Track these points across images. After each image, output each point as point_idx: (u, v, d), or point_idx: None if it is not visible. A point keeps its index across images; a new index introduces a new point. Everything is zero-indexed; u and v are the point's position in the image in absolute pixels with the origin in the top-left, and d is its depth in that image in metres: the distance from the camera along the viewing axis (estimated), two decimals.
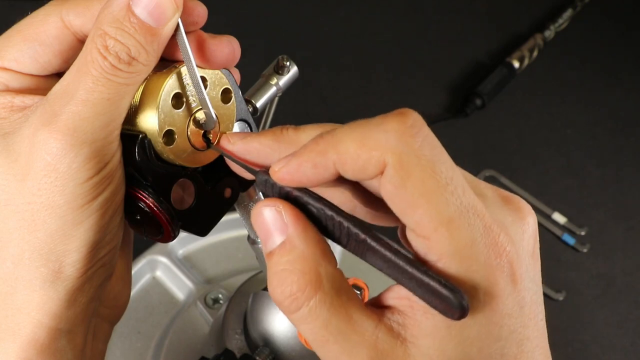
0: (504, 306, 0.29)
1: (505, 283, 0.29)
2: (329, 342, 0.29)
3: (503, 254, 0.29)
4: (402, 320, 0.29)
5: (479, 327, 0.29)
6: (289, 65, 0.43)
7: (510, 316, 0.29)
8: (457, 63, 1.07)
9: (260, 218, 0.30)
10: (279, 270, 0.29)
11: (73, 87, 0.31)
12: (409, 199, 0.28)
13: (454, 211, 0.28)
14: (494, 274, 0.28)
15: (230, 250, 0.76)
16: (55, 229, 0.32)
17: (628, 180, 0.97)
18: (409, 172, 0.28)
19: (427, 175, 0.28)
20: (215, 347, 0.59)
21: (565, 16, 1.13)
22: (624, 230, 0.91)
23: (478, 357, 0.29)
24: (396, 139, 0.28)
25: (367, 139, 0.28)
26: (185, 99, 0.35)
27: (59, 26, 0.34)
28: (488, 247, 0.28)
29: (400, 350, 0.29)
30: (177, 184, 0.35)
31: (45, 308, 0.33)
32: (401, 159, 0.28)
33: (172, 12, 0.32)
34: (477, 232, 0.28)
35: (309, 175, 0.29)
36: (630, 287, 0.85)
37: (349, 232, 0.29)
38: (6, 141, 0.32)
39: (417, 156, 0.28)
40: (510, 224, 0.30)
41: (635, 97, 1.08)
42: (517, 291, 0.29)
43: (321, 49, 1.06)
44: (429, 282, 0.27)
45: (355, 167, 0.28)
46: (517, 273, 0.29)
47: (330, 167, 0.29)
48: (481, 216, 0.29)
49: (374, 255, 0.29)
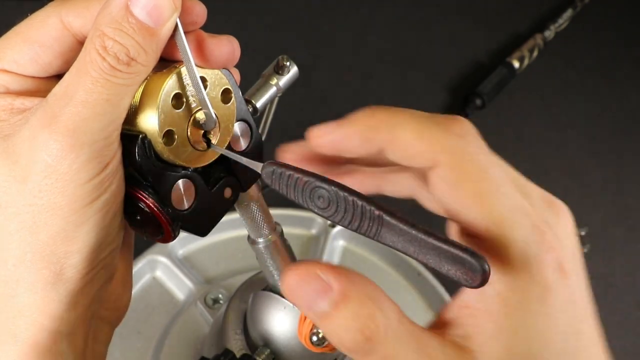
0: (557, 300, 0.30)
1: (556, 277, 0.30)
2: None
3: (551, 250, 0.30)
4: (464, 333, 0.30)
5: (540, 323, 0.29)
6: (289, 65, 0.43)
7: (565, 310, 0.30)
8: (457, 63, 1.07)
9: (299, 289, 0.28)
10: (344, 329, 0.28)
11: (72, 89, 0.31)
12: (462, 198, 0.29)
13: (505, 211, 0.29)
14: (545, 270, 0.29)
15: (230, 250, 0.76)
16: (57, 230, 0.32)
17: (628, 180, 0.97)
18: (463, 171, 0.29)
19: (480, 176, 0.29)
20: (215, 347, 0.59)
21: (565, 16, 1.13)
22: (624, 230, 0.91)
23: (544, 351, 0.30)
24: (455, 141, 0.30)
25: (427, 132, 0.30)
26: (186, 99, 0.35)
27: (58, 27, 0.34)
28: (537, 244, 0.29)
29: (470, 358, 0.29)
30: (177, 184, 0.35)
31: (46, 310, 0.33)
32: (457, 159, 0.29)
33: (170, 12, 0.32)
34: (527, 231, 0.29)
35: (354, 145, 0.30)
36: (630, 287, 0.85)
37: (363, 211, 0.29)
38: (6, 143, 0.32)
39: (471, 156, 0.30)
40: (553, 222, 0.31)
41: (635, 97, 1.08)
42: (567, 285, 0.30)
43: (321, 49, 1.06)
44: (449, 249, 0.27)
45: (406, 154, 0.30)
46: (567, 268, 0.30)
47: (378, 145, 0.30)
48: (529, 215, 0.30)
49: (390, 231, 0.28)
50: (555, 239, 0.30)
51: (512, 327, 0.29)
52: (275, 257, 0.46)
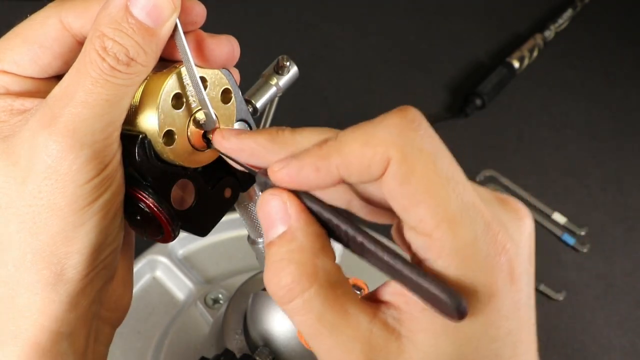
0: (502, 306, 0.29)
1: (504, 283, 0.29)
2: (322, 335, 0.29)
3: (502, 252, 0.28)
4: (397, 315, 0.29)
5: (476, 327, 0.29)
6: (289, 65, 0.43)
7: (508, 317, 0.29)
8: (457, 63, 1.07)
9: (265, 207, 0.30)
10: (277, 260, 0.29)
11: (72, 89, 0.31)
12: (411, 195, 0.28)
13: (455, 208, 0.28)
14: (493, 273, 0.28)
15: (230, 250, 0.76)
16: (57, 231, 0.32)
17: (628, 180, 0.97)
18: (413, 167, 0.27)
19: (429, 171, 0.28)
20: (215, 347, 0.59)
21: (565, 16, 1.13)
22: (624, 230, 0.91)
23: (473, 356, 0.29)
24: (398, 133, 0.28)
25: (370, 136, 0.28)
26: (185, 99, 0.35)
27: (58, 28, 0.34)
28: (488, 245, 0.28)
29: (394, 345, 0.29)
30: (177, 184, 0.35)
31: (46, 311, 0.33)
32: (404, 153, 0.28)
33: (170, 12, 0.32)
34: (479, 230, 0.28)
35: (310, 178, 0.29)
36: (630, 287, 0.85)
37: (347, 235, 0.29)
38: (6, 144, 0.32)
39: (420, 150, 0.28)
40: (508, 223, 0.30)
41: (635, 97, 1.08)
42: (515, 292, 0.29)
43: (321, 49, 1.06)
44: (428, 287, 0.27)
45: (361, 167, 0.28)
46: (516, 273, 0.29)
47: (333, 172, 0.29)
48: (482, 213, 0.28)
49: (371, 256, 0.29)
50: (507, 239, 0.29)
51: (444, 326, 0.28)
52: None
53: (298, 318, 0.29)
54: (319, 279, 0.29)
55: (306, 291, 0.28)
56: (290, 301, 0.29)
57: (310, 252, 0.29)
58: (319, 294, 0.28)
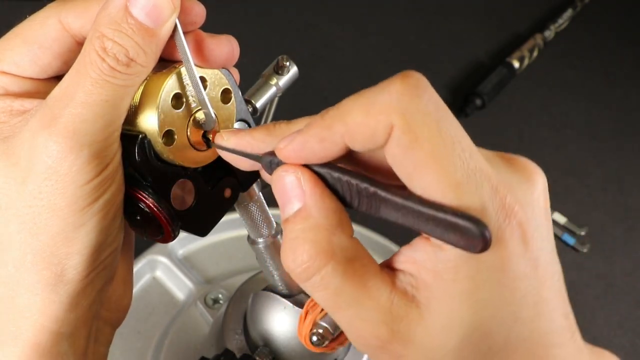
0: (516, 269, 0.28)
1: (516, 245, 0.28)
2: (342, 309, 0.29)
3: (512, 215, 0.28)
4: (414, 282, 0.29)
5: (490, 291, 0.28)
6: (289, 65, 0.43)
7: (523, 278, 0.29)
8: (457, 63, 1.07)
9: (280, 184, 0.30)
10: (292, 238, 0.29)
11: (72, 90, 0.31)
12: (416, 161, 0.27)
13: (461, 174, 0.27)
14: (503, 237, 0.28)
15: (230, 250, 0.76)
16: (57, 231, 0.32)
17: (628, 180, 0.97)
18: (416, 133, 0.27)
19: (434, 136, 0.27)
20: (215, 347, 0.59)
21: (565, 16, 1.13)
22: (624, 230, 0.91)
23: (491, 321, 0.29)
24: (401, 99, 0.27)
25: (373, 104, 0.28)
26: (185, 99, 0.35)
27: (58, 29, 0.34)
28: (497, 210, 0.28)
29: (415, 313, 0.28)
30: (177, 184, 0.35)
31: (47, 312, 0.33)
32: (408, 119, 0.27)
33: (169, 13, 0.32)
34: (486, 196, 0.27)
35: (316, 151, 0.29)
36: (630, 287, 0.85)
37: (359, 190, 0.29)
38: (6, 145, 0.32)
39: (423, 115, 0.27)
40: (517, 185, 0.29)
41: (635, 97, 1.08)
42: (529, 252, 0.29)
43: (321, 49, 1.06)
44: (446, 217, 0.26)
45: (365, 135, 0.28)
46: (528, 234, 0.29)
47: (338, 141, 0.29)
48: (488, 178, 0.28)
49: (386, 206, 0.28)
50: (515, 202, 0.28)
51: (458, 293, 0.28)
52: (275, 257, 0.46)
53: (317, 294, 0.29)
54: (336, 256, 0.29)
55: (323, 268, 0.28)
56: (308, 278, 0.29)
57: (325, 229, 0.29)
58: (336, 270, 0.28)
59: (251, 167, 0.34)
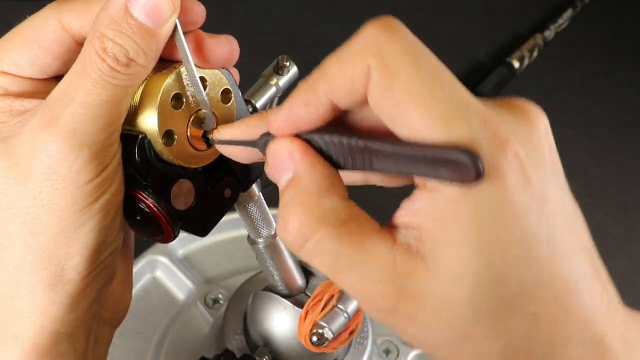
0: (518, 202, 0.26)
1: (515, 177, 0.26)
2: (344, 272, 0.28)
3: (506, 146, 0.26)
4: (417, 235, 0.27)
5: (493, 228, 0.26)
6: (289, 66, 0.43)
7: (530, 213, 0.26)
8: (457, 63, 1.07)
9: (271, 157, 0.30)
10: (284, 207, 0.28)
11: (72, 90, 0.31)
12: (397, 101, 0.26)
13: (445, 108, 0.26)
14: (499, 168, 0.26)
15: (230, 250, 0.76)
16: (57, 232, 0.32)
17: (628, 180, 0.97)
18: (394, 71, 0.26)
19: (412, 73, 0.26)
20: (215, 347, 0.59)
21: (565, 16, 1.13)
22: (624, 230, 0.91)
23: (501, 262, 0.26)
24: (375, 42, 0.27)
25: (348, 52, 0.27)
26: (185, 99, 0.35)
27: (57, 29, 0.34)
28: (488, 140, 0.26)
29: (421, 266, 0.27)
30: (177, 184, 0.35)
31: (47, 312, 0.33)
32: (383, 58, 0.26)
33: (169, 13, 0.32)
34: (475, 127, 0.26)
35: (303, 115, 0.29)
36: (630, 287, 0.85)
37: (350, 147, 0.28)
38: (6, 145, 0.32)
39: (399, 53, 0.26)
40: (513, 122, 0.27)
41: (635, 97, 1.08)
42: (532, 187, 0.26)
43: (321, 49, 1.06)
44: (435, 153, 0.25)
45: (345, 85, 0.27)
46: (527, 166, 0.26)
47: (323, 100, 0.28)
48: (476, 110, 0.26)
49: (380, 158, 0.27)
50: (511, 134, 0.26)
51: (462, 236, 0.26)
52: (275, 257, 0.46)
53: (315, 261, 0.28)
54: (328, 219, 0.28)
55: (316, 232, 0.28)
56: (301, 245, 0.28)
57: (316, 193, 0.28)
58: (330, 234, 0.27)
59: (248, 157, 0.33)
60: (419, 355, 0.65)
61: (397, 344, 0.65)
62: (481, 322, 0.27)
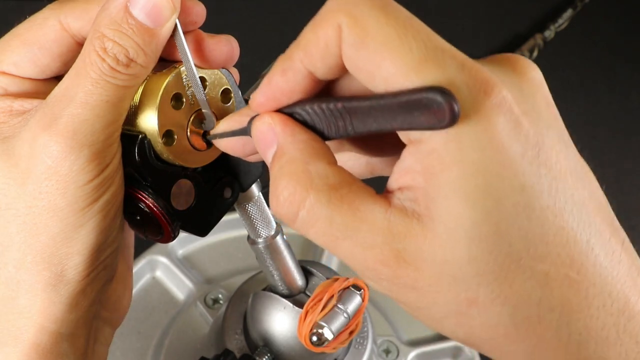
0: (510, 147, 0.24)
1: (502, 120, 0.24)
2: (339, 239, 0.27)
3: (489, 89, 0.24)
4: (412, 195, 0.26)
5: (485, 174, 0.24)
6: None
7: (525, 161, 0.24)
8: None
9: (255, 134, 0.30)
10: (272, 179, 0.28)
11: (72, 90, 0.31)
12: (371, 56, 0.25)
13: (419, 55, 0.25)
14: (484, 112, 0.24)
15: (230, 250, 0.76)
16: (57, 232, 0.32)
17: (628, 180, 0.97)
18: (364, 26, 0.25)
19: (382, 25, 0.25)
20: (215, 347, 0.59)
21: (565, 16, 1.13)
22: (624, 230, 0.91)
23: (498, 213, 0.24)
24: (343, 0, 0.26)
25: (319, 16, 0.27)
26: (185, 99, 0.35)
27: (57, 29, 0.34)
28: (468, 84, 0.24)
29: (417, 227, 0.25)
30: (176, 184, 0.35)
31: (47, 312, 0.33)
32: (353, 15, 0.26)
33: (169, 13, 0.32)
34: (452, 70, 0.24)
35: (281, 85, 0.28)
36: None
37: (330, 111, 0.28)
38: (6, 145, 0.32)
39: (368, 7, 0.26)
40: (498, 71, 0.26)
41: (635, 97, 1.08)
42: (524, 133, 0.25)
43: None
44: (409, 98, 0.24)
45: (319, 51, 0.27)
46: (516, 111, 0.25)
47: (300, 68, 0.28)
48: (453, 55, 0.25)
49: (357, 118, 0.27)
50: (494, 78, 0.24)
51: (453, 186, 0.24)
52: (275, 257, 0.46)
53: (310, 232, 0.27)
54: (315, 185, 0.27)
55: (306, 199, 0.27)
56: (295, 215, 0.27)
57: (300, 160, 0.28)
58: (319, 200, 0.27)
59: (244, 148, 0.33)
60: (419, 355, 0.66)
61: (397, 344, 0.65)
62: (485, 284, 0.25)
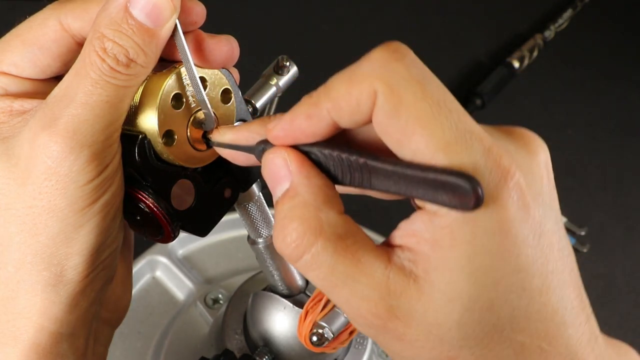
0: (516, 233, 0.27)
1: (515, 208, 0.26)
2: (338, 287, 0.28)
3: (509, 176, 0.26)
4: (412, 257, 0.28)
5: (490, 257, 0.26)
6: (289, 66, 0.43)
7: (526, 245, 0.27)
8: (457, 63, 1.07)
9: (267, 166, 0.30)
10: (281, 218, 0.29)
11: (72, 90, 0.31)
12: (402, 127, 0.26)
13: (450, 135, 0.26)
14: (501, 199, 0.26)
15: (230, 250, 0.76)
16: (57, 232, 0.32)
17: (628, 180, 0.97)
18: (400, 97, 0.26)
19: (418, 99, 0.26)
20: (215, 347, 0.59)
21: (565, 16, 1.13)
22: (624, 230, 0.91)
23: (494, 291, 0.27)
24: (382, 66, 0.27)
25: (355, 74, 0.27)
26: (185, 99, 0.35)
27: (57, 29, 0.34)
28: (490, 169, 0.26)
29: (413, 288, 0.27)
30: (177, 184, 0.35)
31: (47, 312, 0.33)
32: (390, 84, 0.27)
33: (169, 13, 0.32)
34: (478, 155, 0.26)
35: (304, 128, 0.29)
36: (630, 287, 0.85)
37: (349, 163, 0.28)
38: (6, 145, 0.32)
39: (406, 79, 0.27)
40: (514, 151, 0.28)
41: (635, 97, 1.08)
42: (531, 218, 0.27)
43: (321, 49, 1.06)
44: (435, 177, 0.25)
45: (350, 107, 0.27)
46: (528, 198, 0.27)
47: (325, 117, 0.28)
48: (480, 139, 0.26)
49: (377, 176, 0.28)
50: (513, 164, 0.27)
51: (457, 260, 0.26)
52: (275, 257, 0.46)
53: (311, 274, 0.28)
54: (325, 232, 0.28)
55: (313, 246, 0.28)
56: (299, 258, 0.28)
57: (313, 206, 0.28)
58: (326, 247, 0.28)
59: (246, 161, 0.33)
60: None
61: None
62: (467, 347, 0.28)
